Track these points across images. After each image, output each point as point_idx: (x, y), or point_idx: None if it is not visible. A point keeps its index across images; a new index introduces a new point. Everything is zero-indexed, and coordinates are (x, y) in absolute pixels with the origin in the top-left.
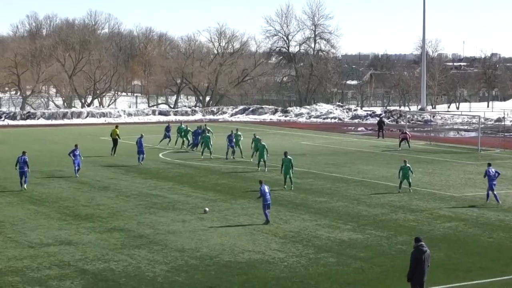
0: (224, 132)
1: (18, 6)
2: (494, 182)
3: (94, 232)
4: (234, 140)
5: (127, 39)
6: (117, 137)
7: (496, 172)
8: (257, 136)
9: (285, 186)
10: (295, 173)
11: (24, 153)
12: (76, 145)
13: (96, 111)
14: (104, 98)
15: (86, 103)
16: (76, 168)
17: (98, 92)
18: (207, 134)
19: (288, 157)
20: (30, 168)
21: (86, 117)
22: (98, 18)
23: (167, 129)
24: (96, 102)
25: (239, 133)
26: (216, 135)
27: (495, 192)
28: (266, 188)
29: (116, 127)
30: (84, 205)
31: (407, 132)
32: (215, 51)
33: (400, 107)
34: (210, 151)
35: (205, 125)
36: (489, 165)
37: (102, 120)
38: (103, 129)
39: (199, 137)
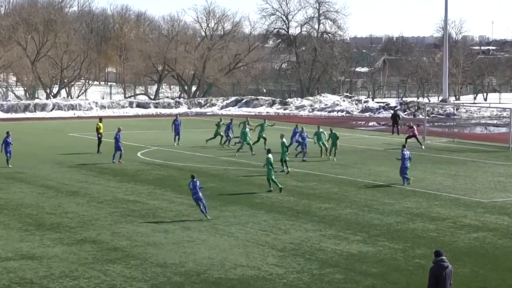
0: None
1: None
2: (406, 165)
3: (61, 244)
4: (232, 129)
5: (99, 19)
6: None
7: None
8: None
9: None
10: (295, 176)
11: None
12: (8, 132)
13: (63, 103)
14: (73, 88)
15: (52, 94)
16: (9, 156)
17: (65, 81)
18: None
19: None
20: None
21: (51, 110)
22: None
23: (228, 126)
24: (63, 92)
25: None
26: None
27: (404, 175)
28: (196, 184)
29: (100, 120)
30: (50, 213)
31: (414, 127)
32: (203, 33)
33: (418, 99)
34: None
35: (247, 118)
36: (404, 147)
37: (70, 113)
38: (71, 123)
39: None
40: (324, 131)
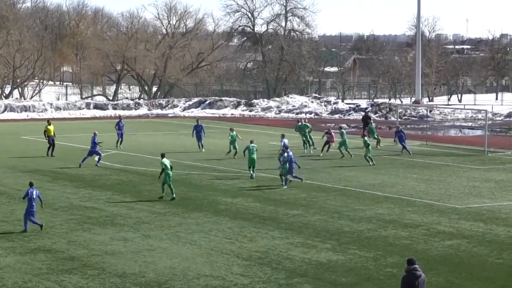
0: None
1: None
2: (293, 165)
3: (14, 253)
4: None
5: (54, 15)
6: (53, 135)
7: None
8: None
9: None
10: (261, 180)
11: None
12: None
13: (16, 104)
14: (26, 88)
15: (4, 94)
16: None
17: (18, 81)
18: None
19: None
20: None
21: (3, 112)
22: None
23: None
24: (16, 93)
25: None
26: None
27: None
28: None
29: (49, 123)
30: (1, 220)
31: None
32: (164, 31)
33: (390, 100)
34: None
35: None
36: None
37: (23, 115)
38: (25, 126)
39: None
40: (308, 124)
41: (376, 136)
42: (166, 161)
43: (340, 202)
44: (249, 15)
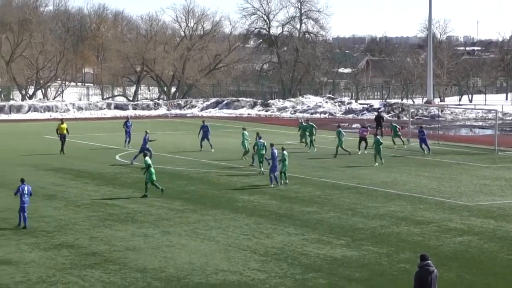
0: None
1: None
2: (276, 163)
3: (38, 249)
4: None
5: (76, 18)
6: (65, 133)
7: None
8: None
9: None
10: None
11: None
12: None
13: (39, 104)
14: (49, 89)
15: (28, 95)
16: None
17: (41, 82)
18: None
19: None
20: None
21: (27, 112)
22: None
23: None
24: (39, 93)
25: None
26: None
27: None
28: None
29: (62, 122)
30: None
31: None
32: (182, 33)
33: (402, 100)
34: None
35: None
36: (272, 145)
37: (46, 115)
38: (48, 125)
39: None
40: (314, 125)
41: (398, 136)
42: (149, 160)
43: (353, 200)
44: (265, 17)
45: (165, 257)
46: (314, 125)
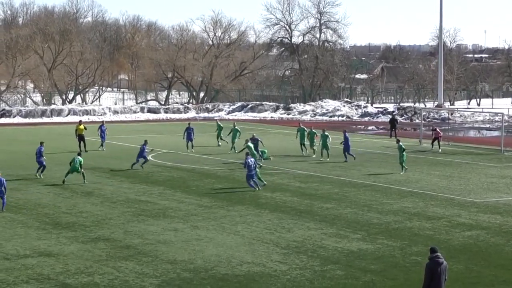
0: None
1: None
2: (253, 173)
3: (77, 242)
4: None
5: (112, 28)
6: (82, 133)
7: (255, 162)
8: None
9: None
10: (298, 177)
11: (41, 143)
12: (41, 142)
13: (78, 108)
14: (87, 94)
15: (68, 100)
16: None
17: (80, 87)
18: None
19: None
20: (6, 171)
21: (67, 115)
22: (80, 5)
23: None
24: (78, 98)
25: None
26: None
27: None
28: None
29: (80, 123)
30: (65, 213)
31: (438, 130)
32: (210, 42)
33: (414, 104)
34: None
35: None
36: (247, 154)
37: (85, 118)
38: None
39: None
40: (329, 135)
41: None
42: (80, 158)
43: (369, 197)
44: (287, 27)
45: (194, 250)
46: (316, 132)
